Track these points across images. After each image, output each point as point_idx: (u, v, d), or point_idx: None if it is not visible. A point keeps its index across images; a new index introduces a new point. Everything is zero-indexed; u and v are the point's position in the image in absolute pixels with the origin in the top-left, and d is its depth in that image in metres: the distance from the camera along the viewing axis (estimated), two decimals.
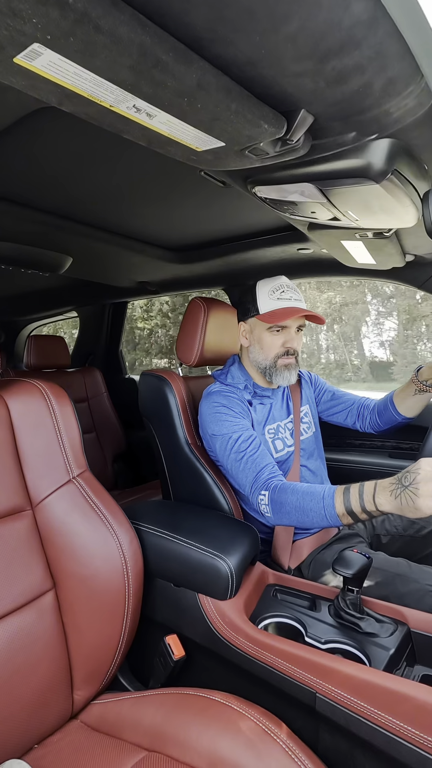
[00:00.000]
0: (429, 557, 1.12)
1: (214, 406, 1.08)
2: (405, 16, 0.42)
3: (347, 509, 0.82)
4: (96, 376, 2.34)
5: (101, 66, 0.42)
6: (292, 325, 1.11)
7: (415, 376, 1.15)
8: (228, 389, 1.12)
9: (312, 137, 0.62)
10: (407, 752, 0.60)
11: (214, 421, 1.06)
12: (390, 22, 0.41)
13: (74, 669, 0.78)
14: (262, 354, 1.12)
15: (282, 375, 1.11)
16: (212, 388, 1.14)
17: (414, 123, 0.58)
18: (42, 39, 0.38)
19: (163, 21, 0.41)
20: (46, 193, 1.12)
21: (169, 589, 0.91)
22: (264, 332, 1.11)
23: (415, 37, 0.44)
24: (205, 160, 0.65)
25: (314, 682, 0.70)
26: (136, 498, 1.97)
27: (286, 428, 1.18)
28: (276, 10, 0.39)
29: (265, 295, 1.11)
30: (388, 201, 0.72)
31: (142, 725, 0.71)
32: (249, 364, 1.18)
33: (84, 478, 0.86)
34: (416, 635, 0.80)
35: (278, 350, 1.10)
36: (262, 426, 1.14)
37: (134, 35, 0.39)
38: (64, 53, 0.40)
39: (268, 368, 1.12)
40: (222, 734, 0.65)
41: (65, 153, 0.90)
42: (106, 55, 0.40)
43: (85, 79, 0.44)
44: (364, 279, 1.62)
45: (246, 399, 1.13)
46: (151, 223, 1.36)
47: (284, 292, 1.10)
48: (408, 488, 0.73)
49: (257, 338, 1.13)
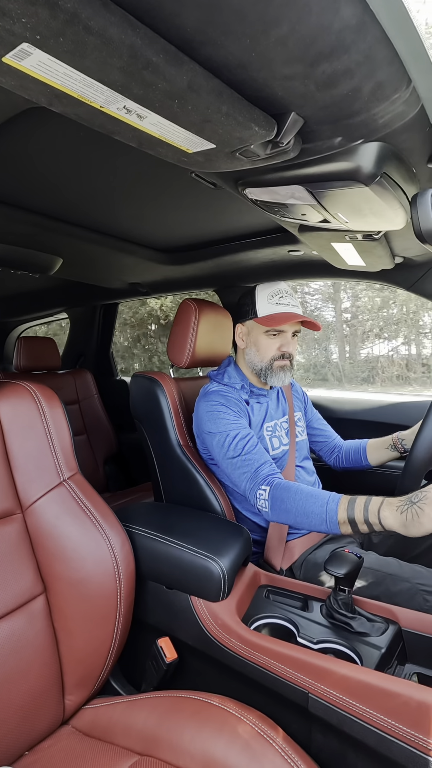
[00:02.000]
0: (419, 557, 1.13)
1: (212, 404, 1.09)
2: (393, 22, 0.42)
3: (349, 518, 0.83)
4: (87, 378, 2.33)
5: (91, 67, 0.42)
6: (289, 330, 1.14)
7: (396, 436, 1.22)
8: (226, 389, 1.13)
9: (302, 140, 0.62)
10: (398, 750, 0.60)
11: (211, 419, 1.07)
12: (378, 27, 0.42)
13: (65, 674, 0.77)
14: (258, 356, 1.14)
15: (277, 376, 1.13)
16: (210, 387, 1.14)
17: (402, 127, 0.59)
18: (31, 39, 0.38)
19: (153, 23, 0.41)
20: (36, 194, 1.11)
21: (161, 591, 0.91)
22: (261, 335, 1.13)
23: (403, 42, 0.45)
24: (196, 162, 0.65)
25: (307, 682, 0.70)
26: (127, 500, 1.96)
27: (282, 427, 1.19)
28: (266, 13, 0.39)
29: (264, 299, 1.13)
30: (377, 204, 0.73)
31: (134, 729, 0.71)
32: (244, 365, 1.19)
33: (75, 480, 0.85)
34: (407, 634, 0.81)
35: (274, 353, 1.13)
36: (261, 423, 1.15)
37: (125, 36, 0.39)
38: (53, 53, 0.40)
39: (263, 370, 1.14)
40: (216, 737, 0.64)
41: (55, 153, 0.89)
42: (96, 56, 0.40)
43: (75, 80, 0.44)
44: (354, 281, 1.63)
45: (243, 398, 1.14)
46: (142, 224, 1.36)
47: (282, 297, 1.13)
48: (416, 504, 0.75)
49: (254, 340, 1.15)
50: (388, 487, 1.43)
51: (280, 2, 0.38)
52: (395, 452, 1.20)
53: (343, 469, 1.33)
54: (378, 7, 0.40)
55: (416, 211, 0.67)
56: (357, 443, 1.29)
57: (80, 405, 2.27)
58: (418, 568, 0.97)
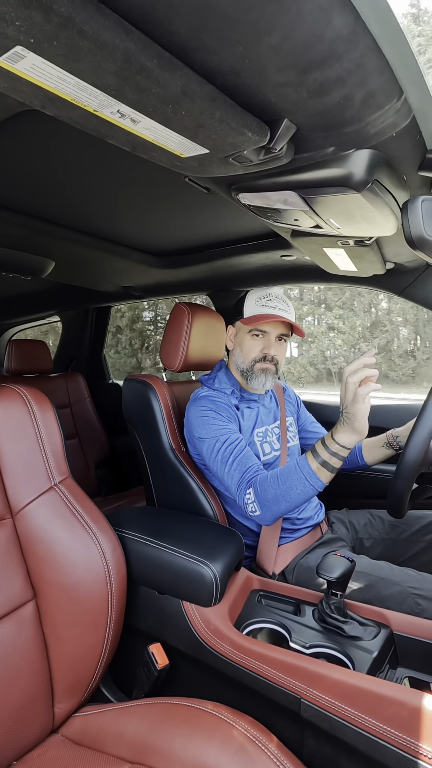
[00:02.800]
0: (411, 560, 1.14)
1: (202, 410, 1.08)
2: (384, 32, 0.43)
3: (319, 461, 0.90)
4: (79, 382, 2.31)
5: (85, 70, 0.42)
6: (272, 332, 1.13)
7: (391, 433, 1.21)
8: (215, 394, 1.13)
9: (295, 146, 0.63)
10: (390, 755, 0.60)
11: (202, 425, 1.06)
12: (370, 37, 0.42)
13: (55, 681, 0.76)
14: (241, 357, 1.15)
15: (258, 379, 1.13)
16: (200, 392, 1.14)
17: (394, 136, 0.60)
18: (25, 42, 0.38)
19: (147, 28, 0.41)
20: (28, 196, 1.11)
21: (153, 596, 0.90)
22: (245, 336, 1.14)
23: (393, 52, 0.46)
24: (190, 167, 0.65)
25: (299, 687, 0.70)
26: (119, 504, 1.94)
27: (273, 432, 1.19)
28: (259, 21, 0.40)
29: (252, 301, 1.14)
30: (368, 210, 0.74)
31: (125, 737, 0.70)
32: (234, 367, 1.19)
33: (66, 485, 0.84)
34: (398, 637, 0.81)
35: (256, 354, 1.13)
36: (252, 429, 1.15)
37: (119, 41, 0.39)
38: (47, 57, 0.40)
39: (245, 371, 1.14)
40: (208, 744, 0.64)
41: (49, 156, 0.89)
42: (90, 60, 0.40)
43: (69, 83, 0.44)
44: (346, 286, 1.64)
45: (233, 404, 1.14)
46: (135, 228, 1.36)
47: (270, 300, 1.13)
48: (344, 413, 0.88)
49: (239, 341, 1.16)
50: (383, 489, 1.44)
51: (273, 10, 0.38)
52: (390, 450, 1.20)
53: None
54: (369, 17, 0.40)
55: (407, 217, 0.68)
56: None
57: (72, 408, 2.25)
58: (409, 572, 0.97)
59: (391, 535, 1.18)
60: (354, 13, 0.39)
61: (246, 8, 0.38)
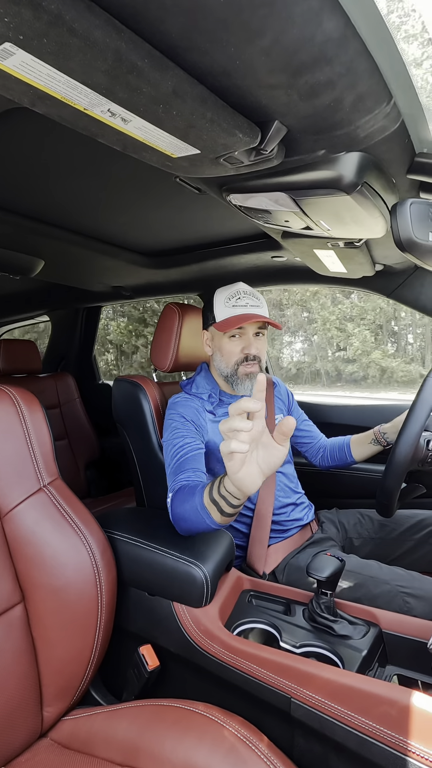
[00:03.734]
0: (399, 559, 1.15)
1: (172, 414, 1.08)
2: (374, 36, 0.43)
3: (210, 499, 0.77)
4: (68, 382, 2.30)
5: (75, 69, 0.42)
6: (249, 330, 1.10)
7: (378, 429, 1.21)
8: (189, 398, 1.12)
9: (285, 148, 0.63)
10: (379, 752, 0.61)
11: (167, 429, 1.06)
12: (360, 41, 0.43)
13: (44, 685, 0.76)
14: (223, 362, 1.12)
15: (244, 384, 1.10)
16: (175, 398, 1.13)
17: (383, 140, 0.61)
18: (14, 39, 0.37)
19: (138, 27, 0.41)
20: (17, 194, 1.10)
21: (144, 598, 0.90)
22: (223, 340, 1.11)
23: (383, 57, 0.46)
24: (181, 167, 0.65)
25: (289, 687, 0.70)
26: (109, 506, 1.93)
27: None
28: (250, 23, 0.40)
29: (221, 303, 1.11)
30: (358, 212, 0.75)
31: (115, 740, 0.69)
32: (215, 372, 1.17)
33: (55, 486, 0.84)
34: (387, 636, 0.82)
35: (238, 357, 1.10)
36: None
37: (109, 40, 0.39)
38: (37, 54, 0.39)
39: (230, 376, 1.11)
40: (198, 745, 0.64)
41: (38, 154, 0.88)
42: (81, 58, 0.40)
43: (59, 81, 0.43)
44: (336, 287, 1.66)
45: (207, 409, 1.11)
46: (126, 227, 1.35)
47: (240, 299, 1.10)
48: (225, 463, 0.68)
49: (218, 346, 1.13)
50: (372, 489, 1.45)
51: (263, 13, 0.39)
52: (378, 446, 1.20)
53: (328, 468, 1.33)
54: (359, 21, 0.41)
55: (395, 220, 0.69)
56: (340, 440, 1.29)
57: (61, 409, 2.24)
58: (398, 571, 0.98)
59: (380, 534, 1.19)
60: (344, 17, 0.40)
61: (237, 10, 0.38)
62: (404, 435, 0.90)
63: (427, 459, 0.95)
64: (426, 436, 0.95)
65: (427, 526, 1.14)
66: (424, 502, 1.35)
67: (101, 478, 2.31)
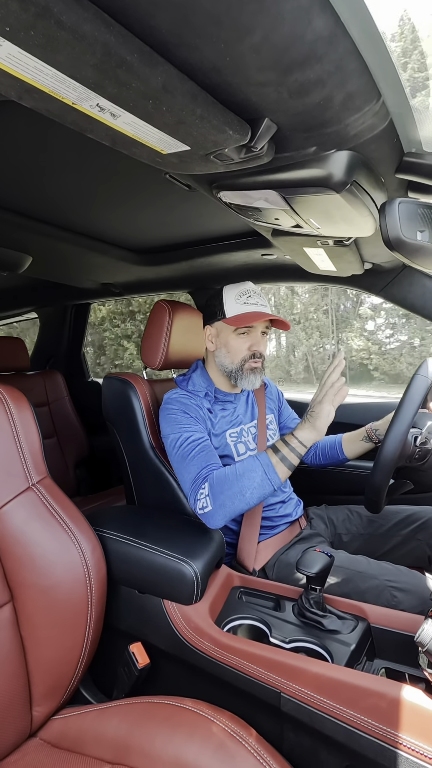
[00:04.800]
0: (387, 554, 1.16)
1: (171, 409, 1.09)
2: (363, 35, 0.43)
3: (279, 457, 0.95)
4: (57, 380, 2.27)
5: (63, 62, 0.41)
6: (258, 328, 1.13)
7: (369, 427, 1.23)
8: (188, 395, 1.12)
9: (275, 146, 0.63)
10: (367, 744, 0.62)
11: (168, 423, 1.07)
12: (349, 40, 0.43)
13: (33, 684, 0.75)
14: (228, 357, 1.13)
15: (248, 379, 1.13)
16: (172, 394, 1.13)
17: (372, 138, 0.61)
18: (0, 30, 0.36)
19: (128, 22, 0.41)
20: (5, 190, 1.08)
21: (134, 596, 0.89)
22: (230, 336, 1.13)
23: (372, 56, 0.46)
24: (170, 163, 0.65)
25: (279, 682, 0.71)
26: (99, 504, 1.92)
27: (249, 432, 1.19)
28: (240, 20, 0.40)
29: (231, 300, 1.12)
30: (347, 211, 0.75)
31: (105, 738, 0.69)
32: (214, 368, 1.18)
33: (44, 485, 0.83)
34: (375, 630, 0.83)
35: (245, 353, 1.12)
36: (224, 430, 1.14)
37: (98, 34, 0.39)
38: (24, 47, 0.39)
39: (234, 372, 1.13)
40: (188, 741, 0.64)
41: (26, 149, 0.87)
42: (69, 52, 0.40)
43: (47, 75, 0.43)
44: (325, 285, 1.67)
45: (205, 406, 1.13)
46: (115, 224, 1.34)
47: (250, 297, 1.12)
48: (309, 413, 0.96)
49: (224, 342, 1.14)
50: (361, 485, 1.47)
51: (253, 10, 0.39)
52: (370, 443, 1.22)
53: (319, 466, 1.33)
54: (349, 20, 0.41)
55: (384, 219, 0.69)
56: (332, 439, 1.31)
57: (50, 407, 2.21)
58: (386, 565, 0.99)
59: (368, 530, 1.21)
60: (334, 15, 0.40)
61: (227, 6, 0.38)
62: (392, 432, 0.91)
63: (414, 455, 0.96)
64: (413, 433, 0.97)
65: (414, 522, 1.16)
66: (411, 498, 1.37)
67: (91, 477, 2.29)
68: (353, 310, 10.39)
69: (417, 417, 0.96)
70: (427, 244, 0.71)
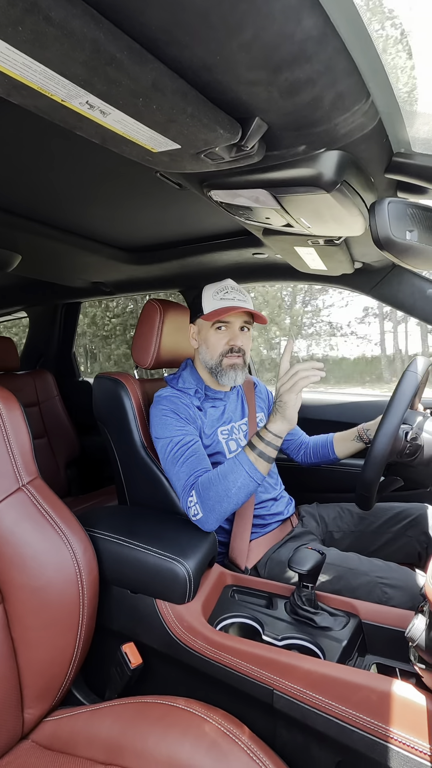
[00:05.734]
0: (378, 551, 1.17)
1: (162, 410, 1.09)
2: (352, 35, 0.44)
3: (257, 453, 0.94)
4: (47, 379, 2.25)
5: (52, 59, 0.41)
6: (235, 323, 1.13)
7: (361, 427, 1.24)
8: (178, 394, 1.13)
9: (266, 145, 0.63)
10: (359, 739, 0.63)
11: (160, 425, 1.07)
12: (339, 40, 0.43)
13: (24, 686, 0.75)
14: (208, 353, 1.14)
15: (228, 375, 1.13)
16: (162, 392, 1.14)
17: (362, 138, 0.61)
18: None
19: (117, 18, 0.40)
20: None
21: (126, 596, 0.89)
22: (209, 331, 1.13)
23: (361, 56, 0.47)
24: (161, 162, 0.65)
25: (272, 679, 0.71)
26: (90, 504, 1.91)
27: (240, 430, 1.20)
28: (230, 18, 0.40)
29: (209, 297, 1.14)
30: (338, 210, 0.75)
31: (98, 739, 0.69)
32: (201, 366, 1.19)
33: (35, 485, 0.82)
34: (367, 626, 0.84)
35: (223, 348, 1.13)
36: (216, 427, 1.15)
37: (87, 30, 0.38)
38: (11, 42, 0.38)
39: (214, 368, 1.14)
40: (181, 740, 0.64)
41: (15, 146, 0.86)
42: (58, 48, 0.39)
43: (35, 71, 0.42)
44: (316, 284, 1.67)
45: (195, 405, 1.13)
46: (105, 222, 1.33)
47: (228, 293, 1.13)
48: (277, 403, 0.95)
49: (204, 338, 1.15)
50: (351, 483, 1.48)
51: (244, 8, 0.39)
52: (361, 443, 1.23)
53: (310, 465, 1.34)
54: (338, 20, 0.41)
55: (374, 218, 0.70)
56: (323, 438, 1.32)
57: (40, 407, 2.19)
58: (377, 562, 1.00)
59: (359, 527, 1.22)
60: (323, 15, 0.40)
61: (217, 4, 0.38)
62: (383, 427, 0.92)
63: (405, 451, 0.97)
64: (404, 429, 0.98)
65: (404, 518, 1.17)
66: (402, 495, 1.38)
67: (82, 477, 2.28)
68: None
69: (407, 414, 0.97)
70: (416, 244, 0.72)
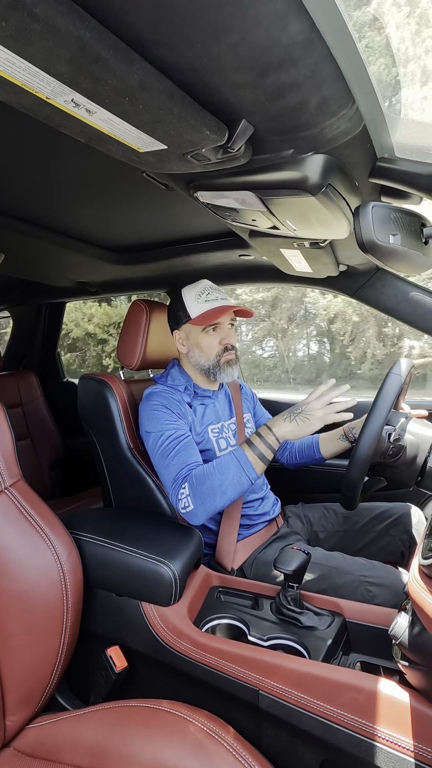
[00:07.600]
0: (362, 550, 1.19)
1: (153, 404, 1.08)
2: (338, 41, 0.44)
3: (257, 454, 0.96)
4: (31, 380, 2.22)
5: (37, 55, 0.40)
6: (224, 322, 1.15)
7: (347, 426, 1.24)
8: (169, 390, 1.13)
9: (252, 147, 0.64)
10: (344, 737, 0.63)
11: (150, 419, 1.07)
12: (324, 46, 0.44)
13: (6, 693, 0.73)
14: (203, 356, 1.14)
15: (226, 372, 1.14)
16: (153, 389, 1.13)
17: (347, 143, 0.62)
18: None
19: (103, 17, 0.40)
20: None
21: (111, 599, 0.88)
22: (200, 335, 1.14)
23: (346, 62, 0.47)
24: (147, 162, 0.64)
25: (257, 680, 0.71)
26: (75, 507, 1.89)
27: (229, 429, 1.20)
28: (217, 20, 0.40)
29: (192, 300, 1.14)
30: (323, 213, 0.76)
31: (82, 744, 0.68)
32: (190, 367, 1.19)
33: (17, 488, 0.81)
34: (351, 624, 0.85)
35: (218, 349, 1.14)
36: (206, 425, 1.15)
37: (73, 28, 0.38)
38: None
39: (211, 368, 1.14)
40: (166, 743, 0.64)
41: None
42: (42, 45, 0.39)
43: (19, 68, 0.42)
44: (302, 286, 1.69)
45: (185, 401, 1.14)
46: (91, 221, 1.32)
47: (210, 294, 1.14)
48: (300, 415, 0.96)
49: (195, 342, 1.15)
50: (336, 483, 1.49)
51: (230, 11, 0.39)
52: (347, 442, 1.23)
53: (296, 465, 1.34)
54: (324, 26, 0.42)
55: (358, 222, 0.71)
56: (309, 438, 1.31)
57: (24, 408, 2.16)
58: (361, 561, 1.02)
59: (344, 527, 1.23)
60: (309, 20, 0.40)
61: (204, 6, 0.38)
62: (367, 428, 0.93)
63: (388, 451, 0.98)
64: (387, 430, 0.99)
65: (387, 518, 1.19)
66: (385, 495, 1.40)
67: (66, 479, 2.25)
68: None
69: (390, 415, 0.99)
70: (399, 248, 0.73)
